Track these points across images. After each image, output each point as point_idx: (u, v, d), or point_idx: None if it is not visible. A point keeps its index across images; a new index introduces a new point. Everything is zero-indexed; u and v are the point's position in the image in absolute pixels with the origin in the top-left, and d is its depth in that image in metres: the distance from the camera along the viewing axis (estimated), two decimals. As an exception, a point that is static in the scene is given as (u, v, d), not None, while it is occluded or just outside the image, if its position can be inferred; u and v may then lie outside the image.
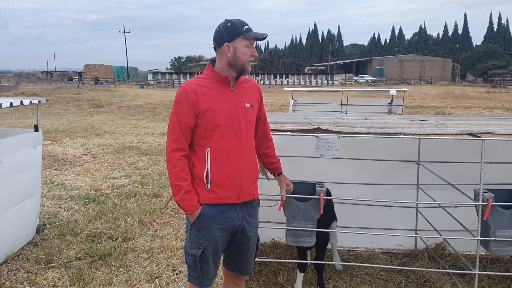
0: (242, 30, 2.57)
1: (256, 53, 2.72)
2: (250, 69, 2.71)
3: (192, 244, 2.67)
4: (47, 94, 30.72)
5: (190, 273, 2.74)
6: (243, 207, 2.70)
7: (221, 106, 2.59)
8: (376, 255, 4.72)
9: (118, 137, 13.73)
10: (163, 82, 65.22)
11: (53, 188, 7.40)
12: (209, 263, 2.68)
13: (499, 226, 3.30)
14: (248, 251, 2.81)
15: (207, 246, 2.64)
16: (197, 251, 2.65)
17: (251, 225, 2.76)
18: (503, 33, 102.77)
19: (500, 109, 24.22)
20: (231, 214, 2.65)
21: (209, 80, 2.64)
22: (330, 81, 72.33)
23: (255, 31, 2.63)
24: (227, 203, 2.63)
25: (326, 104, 11.78)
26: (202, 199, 2.62)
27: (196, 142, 2.63)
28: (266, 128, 2.94)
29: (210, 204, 2.62)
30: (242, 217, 2.69)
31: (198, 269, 2.67)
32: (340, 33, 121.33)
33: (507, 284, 4.03)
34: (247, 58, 2.62)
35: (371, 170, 4.51)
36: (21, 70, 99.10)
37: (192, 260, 2.68)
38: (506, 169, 4.28)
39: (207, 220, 2.61)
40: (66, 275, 4.21)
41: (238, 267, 2.84)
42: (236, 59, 2.60)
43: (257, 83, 2.88)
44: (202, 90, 2.59)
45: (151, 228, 5.63)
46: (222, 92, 2.62)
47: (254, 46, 2.68)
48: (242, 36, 2.57)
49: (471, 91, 43.18)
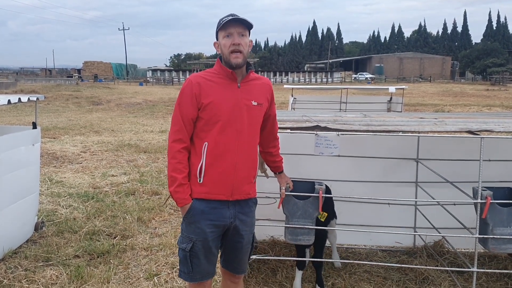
0: (219, 23, 2.56)
1: (237, 40, 2.53)
2: (240, 62, 2.55)
3: (183, 238, 2.67)
4: (46, 91, 30.66)
5: (180, 268, 2.73)
6: (236, 205, 2.66)
7: (224, 101, 2.57)
8: (374, 252, 4.72)
9: (117, 135, 13.72)
10: (162, 79, 65.15)
11: (52, 185, 7.39)
12: (199, 258, 2.65)
13: (497, 224, 3.30)
14: (241, 250, 2.78)
15: (197, 241, 2.62)
16: (187, 245, 2.63)
17: (245, 224, 2.72)
18: (502, 31, 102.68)
19: (499, 107, 24.23)
20: (223, 211, 2.62)
21: (217, 75, 2.63)
22: (330, 78, 72.29)
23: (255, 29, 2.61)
24: (218, 199, 2.61)
25: (326, 101, 11.81)
26: (194, 193, 2.61)
27: (196, 135, 2.62)
28: (274, 127, 2.92)
29: (201, 199, 2.60)
30: (234, 215, 2.65)
31: (188, 264, 2.66)
32: (340, 31, 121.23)
33: (504, 281, 4.04)
34: (228, 50, 2.54)
35: (370, 167, 4.51)
36: (19, 67, 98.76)
37: (183, 255, 2.67)
38: (504, 167, 4.28)
39: (197, 215, 2.60)
40: (65, 273, 4.20)
41: (232, 265, 2.83)
42: (223, 54, 2.59)
43: (270, 81, 2.83)
44: (207, 84, 2.57)
45: (150, 226, 5.63)
46: (227, 87, 2.60)
47: (235, 34, 2.53)
48: (219, 29, 2.57)
49: (470, 89, 43.17)
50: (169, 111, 22.35)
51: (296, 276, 3.86)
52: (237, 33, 2.54)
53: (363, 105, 11.15)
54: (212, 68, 2.69)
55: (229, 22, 2.52)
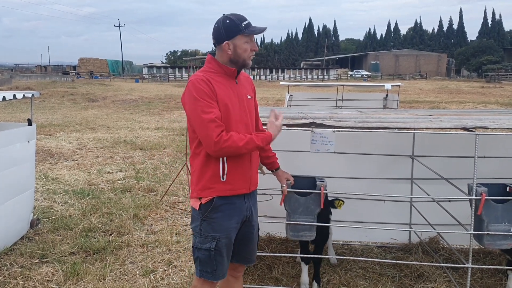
0: (241, 27, 2.55)
1: (257, 47, 2.70)
2: (251, 64, 2.71)
3: (204, 238, 2.65)
4: (41, 88, 30.54)
5: (202, 268, 2.70)
6: (251, 197, 2.76)
7: (232, 98, 2.60)
8: (370, 249, 4.74)
9: (112, 132, 13.68)
10: (158, 76, 64.97)
11: (47, 182, 7.37)
12: (223, 255, 2.67)
13: (492, 220, 3.32)
14: (252, 239, 2.85)
15: (220, 238, 2.63)
16: (211, 244, 2.63)
17: (256, 212, 2.85)
18: (497, 28, 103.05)
19: (494, 104, 24.32)
20: (242, 205, 2.69)
21: (216, 74, 2.62)
22: (326, 76, 72.33)
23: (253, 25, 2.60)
24: (240, 193, 2.66)
25: (322, 98, 11.80)
26: (217, 191, 2.61)
27: None
28: (258, 120, 2.96)
29: (222, 196, 2.63)
30: (249, 207, 2.75)
31: (213, 263, 2.66)
32: (336, 28, 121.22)
33: (499, 277, 4.07)
34: (248, 54, 2.62)
35: (365, 164, 4.52)
36: (14, 64, 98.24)
37: (206, 255, 2.65)
38: (499, 164, 4.30)
39: (219, 212, 2.63)
40: (60, 270, 4.20)
41: (242, 256, 2.85)
42: (237, 56, 2.59)
43: (248, 74, 2.90)
44: (215, 84, 2.55)
45: (146, 222, 5.62)
46: (229, 85, 2.63)
47: (254, 40, 2.66)
48: (242, 33, 2.55)
49: (466, 86, 43.30)
50: (165, 108, 22.32)
51: (302, 271, 3.88)
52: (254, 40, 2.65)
53: (359, 102, 11.15)
54: (205, 67, 2.67)
55: (253, 30, 2.58)
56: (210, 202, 2.63)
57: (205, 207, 2.63)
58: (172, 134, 13.21)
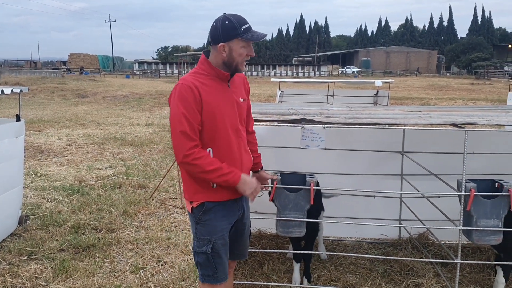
0: (240, 31, 2.46)
1: (253, 53, 2.59)
2: (245, 69, 2.64)
3: (200, 242, 2.65)
4: (30, 83, 30.19)
5: (203, 272, 2.69)
6: (242, 197, 2.74)
7: (223, 105, 2.54)
8: (360, 244, 4.76)
9: (103, 128, 13.59)
10: (149, 72, 64.59)
11: (36, 179, 7.30)
12: (221, 256, 2.67)
13: (481, 216, 3.34)
14: (244, 235, 2.87)
15: (216, 240, 2.63)
16: (207, 247, 2.63)
17: (247, 209, 2.85)
18: (486, 26, 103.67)
19: (483, 101, 24.51)
20: (233, 205, 2.69)
21: (207, 76, 2.55)
22: (317, 72, 72.38)
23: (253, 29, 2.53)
24: (233, 198, 2.66)
25: (313, 95, 11.85)
26: (208, 196, 2.60)
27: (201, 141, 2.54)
28: (250, 120, 2.91)
29: (216, 201, 2.62)
30: (242, 205, 2.76)
31: (212, 265, 2.65)
32: (327, 24, 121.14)
33: (488, 272, 4.10)
34: (242, 59, 2.54)
35: (356, 160, 4.53)
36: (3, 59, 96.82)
37: (204, 258, 2.64)
38: (488, 160, 4.33)
39: (212, 214, 2.62)
40: (49, 267, 4.16)
41: (233, 252, 2.85)
42: (231, 59, 2.53)
43: (243, 74, 2.83)
44: (204, 89, 2.48)
45: (136, 219, 5.60)
46: (221, 90, 2.56)
47: (251, 45, 2.57)
48: (240, 37, 2.48)
49: (456, 83, 43.60)
50: (155, 104, 22.20)
51: (294, 268, 3.88)
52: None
53: (350, 98, 11.20)
54: (197, 69, 2.60)
55: (252, 36, 2.50)
56: (201, 206, 2.62)
57: (197, 210, 2.64)
58: (163, 130, 13.14)
